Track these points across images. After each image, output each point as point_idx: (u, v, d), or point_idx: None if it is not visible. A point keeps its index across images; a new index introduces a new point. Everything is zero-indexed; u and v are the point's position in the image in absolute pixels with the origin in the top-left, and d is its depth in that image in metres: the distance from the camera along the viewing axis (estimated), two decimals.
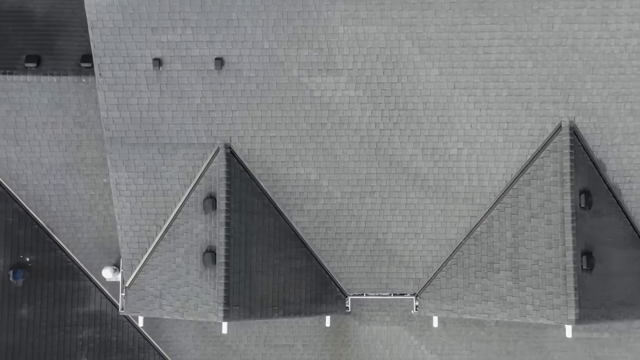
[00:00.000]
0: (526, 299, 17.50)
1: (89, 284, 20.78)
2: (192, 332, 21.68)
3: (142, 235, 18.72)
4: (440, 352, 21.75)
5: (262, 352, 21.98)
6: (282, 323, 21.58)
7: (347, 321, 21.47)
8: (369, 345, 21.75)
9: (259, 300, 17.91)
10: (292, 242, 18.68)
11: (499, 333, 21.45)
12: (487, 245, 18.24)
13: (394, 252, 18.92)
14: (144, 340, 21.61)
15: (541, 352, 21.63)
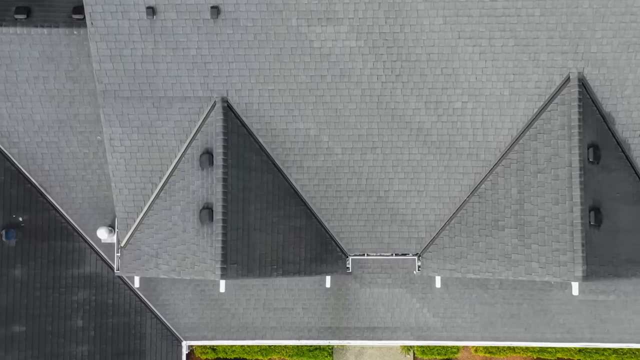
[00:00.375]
0: (532, 256, 17.02)
1: (84, 245, 20.33)
2: (190, 294, 21.26)
3: (138, 194, 18.22)
4: (443, 315, 21.34)
5: (261, 316, 21.57)
6: (281, 286, 21.15)
7: (348, 283, 21.04)
8: (369, 308, 21.33)
9: (257, 259, 17.44)
10: (291, 200, 18.18)
11: (502, 296, 21.03)
12: (491, 203, 17.74)
13: (395, 210, 18.42)
14: (140, 303, 21.20)
15: (546, 315, 21.22)
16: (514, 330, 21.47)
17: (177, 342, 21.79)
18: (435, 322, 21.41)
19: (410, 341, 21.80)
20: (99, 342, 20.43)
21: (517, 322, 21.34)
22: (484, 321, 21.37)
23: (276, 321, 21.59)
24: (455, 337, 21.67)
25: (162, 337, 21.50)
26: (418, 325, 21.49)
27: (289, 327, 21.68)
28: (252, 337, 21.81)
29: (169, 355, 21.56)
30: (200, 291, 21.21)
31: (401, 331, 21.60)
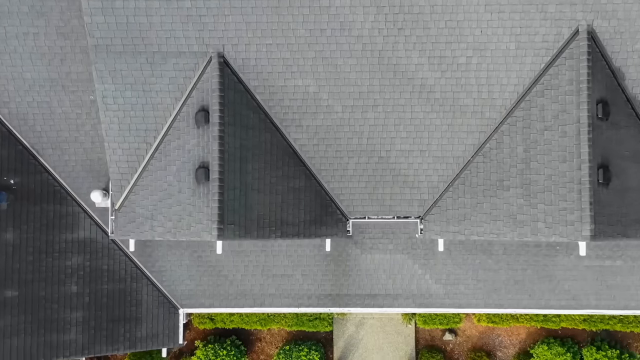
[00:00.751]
0: (538, 216, 16.52)
1: (78, 210, 19.82)
2: (187, 260, 20.78)
3: (132, 154, 17.68)
4: (445, 281, 20.87)
5: (259, 283, 21.11)
6: (280, 251, 20.67)
7: (348, 249, 20.56)
8: (370, 274, 20.86)
9: (255, 220, 16.94)
10: (289, 160, 17.64)
11: (506, 261, 20.55)
12: (496, 162, 17.21)
13: (397, 171, 17.90)
14: (136, 270, 20.73)
15: (551, 281, 20.75)
16: (518, 297, 21.01)
17: (174, 309, 21.34)
18: (438, 289, 20.95)
19: (411, 309, 21.35)
20: (93, 308, 19.97)
21: (521, 288, 20.88)
22: (488, 288, 20.91)
23: (275, 288, 21.13)
24: (457, 305, 21.22)
25: (159, 304, 21.05)
26: (420, 292, 21.03)
27: (288, 294, 21.22)
28: (250, 305, 21.36)
29: (165, 323, 21.12)
30: (198, 257, 20.74)
31: (402, 298, 21.14)
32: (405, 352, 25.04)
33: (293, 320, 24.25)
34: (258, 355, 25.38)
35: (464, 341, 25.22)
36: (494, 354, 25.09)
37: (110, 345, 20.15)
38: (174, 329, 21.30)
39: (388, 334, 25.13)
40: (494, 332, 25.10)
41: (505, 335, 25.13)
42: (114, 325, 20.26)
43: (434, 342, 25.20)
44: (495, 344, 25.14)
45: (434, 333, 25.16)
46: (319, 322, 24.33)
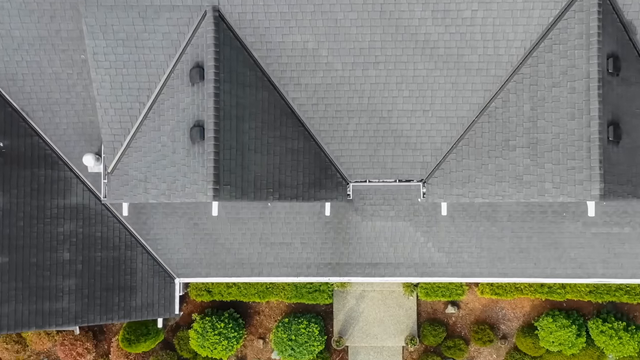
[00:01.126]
0: (545, 176, 15.93)
1: (70, 175, 19.24)
2: (182, 228, 20.23)
3: (124, 114, 17.09)
4: (448, 249, 20.31)
5: (257, 251, 20.55)
6: (278, 219, 20.09)
7: (349, 216, 19.99)
8: (371, 242, 20.30)
9: (252, 181, 16.36)
10: (287, 120, 17.04)
11: (511, 229, 19.98)
12: (502, 122, 16.61)
13: (399, 132, 17.30)
14: (130, 237, 20.18)
15: (557, 249, 20.19)
16: (523, 265, 20.46)
17: (170, 279, 20.80)
18: (440, 257, 20.39)
19: (413, 278, 20.80)
20: (87, 276, 19.44)
21: (526, 257, 20.32)
22: (492, 256, 20.35)
23: (273, 257, 20.58)
24: (460, 274, 20.67)
25: (154, 273, 20.51)
26: (422, 260, 20.48)
27: (287, 263, 20.67)
28: (248, 274, 20.82)
29: (161, 293, 20.59)
30: (194, 224, 20.18)
31: (404, 267, 20.58)
32: (406, 325, 24.52)
33: (292, 293, 23.71)
34: (257, 328, 24.87)
35: (466, 314, 24.69)
36: (497, 327, 24.57)
37: (104, 314, 19.62)
38: (169, 299, 20.77)
39: (389, 306, 24.60)
40: (498, 304, 24.57)
41: (508, 308, 24.60)
42: (108, 294, 19.73)
43: (436, 315, 24.68)
44: (499, 316, 24.61)
45: (436, 306, 24.64)
46: (318, 294, 23.79)
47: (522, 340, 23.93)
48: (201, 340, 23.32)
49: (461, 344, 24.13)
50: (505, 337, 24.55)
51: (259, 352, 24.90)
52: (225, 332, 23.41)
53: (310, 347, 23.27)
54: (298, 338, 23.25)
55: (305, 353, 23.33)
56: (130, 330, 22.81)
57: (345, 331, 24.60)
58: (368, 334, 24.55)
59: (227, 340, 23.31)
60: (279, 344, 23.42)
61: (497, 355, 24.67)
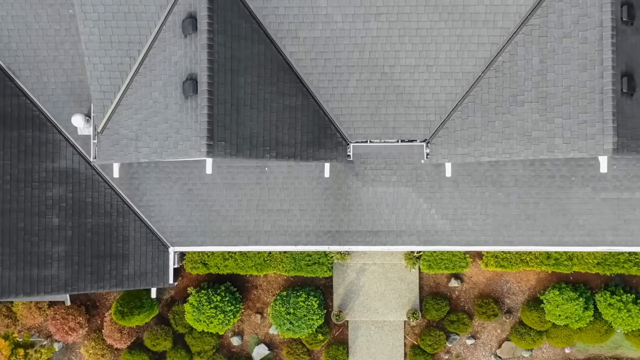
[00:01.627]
0: (555, 131, 15.20)
1: (59, 137, 18.51)
2: (176, 194, 19.50)
3: (114, 69, 16.35)
4: (452, 216, 19.59)
5: (254, 219, 19.83)
6: (275, 184, 19.36)
7: (349, 182, 19.26)
8: (372, 209, 19.57)
9: (247, 138, 15.63)
10: (285, 75, 16.30)
11: (517, 194, 19.25)
12: (509, 76, 15.87)
13: (402, 89, 16.56)
14: (122, 204, 19.46)
15: (565, 216, 19.47)
16: (530, 233, 19.74)
17: (164, 248, 20.09)
18: (444, 224, 19.67)
19: (416, 246, 20.09)
20: (77, 242, 18.71)
21: (533, 224, 19.60)
22: (497, 223, 19.63)
23: (271, 224, 19.86)
24: (465, 242, 19.96)
25: (147, 241, 19.79)
26: (425, 228, 19.76)
27: (285, 232, 19.96)
28: (244, 243, 20.10)
29: (154, 262, 19.87)
30: (188, 190, 19.45)
31: (406, 235, 19.87)
32: (408, 299, 23.81)
33: (290, 265, 23.00)
34: (254, 303, 24.17)
35: (470, 288, 23.99)
36: (501, 301, 23.87)
37: (96, 282, 18.92)
38: (163, 269, 20.08)
39: (390, 280, 23.90)
40: (502, 278, 23.86)
41: (513, 282, 23.90)
42: (99, 261, 19.01)
43: (438, 289, 23.98)
44: (504, 290, 23.91)
45: (439, 280, 23.94)
46: (317, 267, 23.08)
47: (527, 314, 23.24)
48: (197, 314, 22.62)
49: (465, 318, 23.44)
50: (510, 311, 23.86)
51: (257, 327, 24.21)
52: (222, 305, 22.71)
53: (309, 321, 22.57)
54: (297, 311, 22.55)
55: (304, 327, 22.63)
56: (124, 303, 22.11)
57: (346, 305, 23.91)
58: (369, 309, 23.86)
59: (223, 314, 22.61)
60: (276, 318, 22.72)
61: (502, 330, 23.99)
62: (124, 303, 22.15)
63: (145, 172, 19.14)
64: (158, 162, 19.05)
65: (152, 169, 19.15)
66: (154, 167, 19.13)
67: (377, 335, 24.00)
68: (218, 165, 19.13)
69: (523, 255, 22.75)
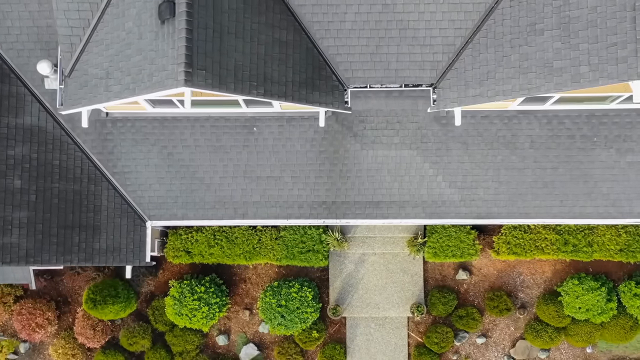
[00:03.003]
0: (580, 59, 13.39)
1: (23, 91, 16.66)
2: (155, 159, 17.54)
3: (83, 1, 14.60)
4: (461, 184, 17.64)
5: (241, 187, 17.84)
6: (265, 147, 17.43)
7: (346, 144, 17.35)
8: (372, 176, 17.63)
9: (231, 70, 13.77)
10: (275, 5, 14.56)
11: (534, 157, 17.35)
12: (526, 4, 14.15)
13: (405, 23, 14.82)
14: (95, 170, 17.48)
15: (586, 183, 17.52)
16: (547, 203, 17.76)
17: (141, 221, 18.03)
18: (452, 194, 17.70)
19: (421, 219, 18.06)
20: (41, 209, 16.66)
21: (551, 192, 17.63)
22: (511, 192, 17.67)
23: (260, 194, 17.86)
24: (475, 214, 17.95)
25: (122, 213, 17.74)
26: (431, 198, 17.77)
27: (276, 202, 17.95)
28: (230, 216, 18.05)
29: (130, 236, 17.79)
30: (168, 154, 17.50)
31: (410, 207, 17.87)
32: (412, 292, 21.64)
33: (282, 253, 20.89)
34: (242, 298, 21.95)
35: (480, 281, 21.84)
36: (514, 295, 21.70)
37: (62, 255, 16.78)
38: (140, 244, 17.97)
39: (392, 272, 21.75)
40: (515, 269, 21.75)
41: (527, 274, 21.78)
42: (66, 232, 16.92)
43: (445, 282, 21.82)
44: (517, 283, 21.76)
45: (446, 272, 21.82)
46: (312, 255, 20.95)
47: (543, 308, 21.05)
48: (178, 306, 20.40)
49: (474, 313, 21.22)
50: (524, 306, 21.67)
51: (245, 325, 21.94)
52: (206, 297, 20.50)
53: (303, 315, 20.35)
54: (289, 304, 20.35)
55: (297, 321, 20.39)
56: (97, 290, 19.91)
57: (343, 300, 21.69)
58: (368, 304, 21.65)
59: (207, 307, 20.39)
60: (267, 311, 20.49)
61: (515, 327, 21.75)
62: (96, 290, 19.95)
63: (120, 132, 17.24)
64: (134, 121, 17.17)
65: (128, 129, 17.25)
66: (130, 126, 17.24)
67: (378, 333, 21.72)
68: (201, 124, 17.24)
69: (538, 242, 20.72)
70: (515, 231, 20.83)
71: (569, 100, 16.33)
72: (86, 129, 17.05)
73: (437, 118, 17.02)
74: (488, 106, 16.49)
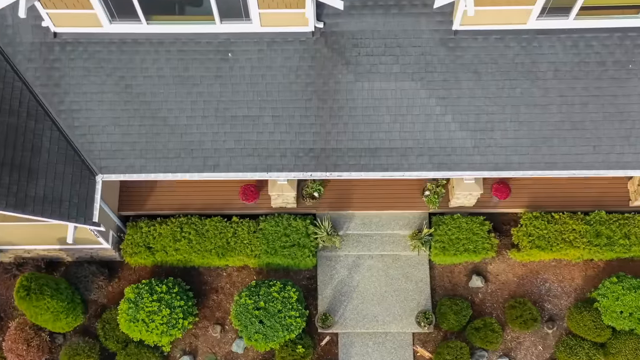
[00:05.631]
0: None
1: None
2: (110, 93, 14.73)
3: None
4: (474, 125, 14.81)
5: (212, 131, 14.91)
6: (242, 78, 14.72)
7: (338, 74, 14.67)
8: (368, 115, 14.82)
9: None
10: None
11: (558, 91, 14.68)
12: None
13: None
14: (36, 105, 14.62)
15: (623, 122, 14.73)
16: (577, 150, 14.84)
17: (90, 173, 14.89)
18: (464, 137, 14.80)
19: (427, 172, 14.99)
20: None
21: (581, 135, 14.77)
22: (533, 135, 14.80)
23: (234, 139, 14.90)
24: (492, 165, 14.94)
25: (67, 160, 14.64)
26: (439, 144, 14.85)
27: (253, 150, 14.94)
28: (199, 168, 14.94)
29: (74, 188, 14.55)
30: (126, 87, 14.70)
31: (414, 155, 14.89)
32: (417, 302, 18.00)
33: (262, 247, 17.53)
34: (213, 311, 18.20)
35: (497, 289, 18.30)
36: (540, 305, 18.09)
37: None
38: (86, 200, 14.70)
39: (393, 278, 18.24)
40: (539, 275, 18.31)
41: (554, 281, 18.30)
42: None
43: (456, 291, 18.27)
44: (542, 292, 18.22)
45: (456, 279, 18.33)
46: (297, 249, 17.58)
47: (577, 318, 17.41)
48: (133, 310, 16.70)
49: (493, 324, 17.48)
50: (552, 319, 17.99)
51: (216, 343, 18.00)
52: (168, 297, 16.85)
53: (286, 320, 16.62)
54: (269, 305, 16.69)
55: (278, 328, 16.62)
56: (32, 277, 16.23)
57: (335, 312, 17.98)
58: (365, 316, 17.93)
59: (169, 310, 16.69)
60: (241, 316, 16.76)
61: (544, 345, 17.94)
62: (32, 278, 16.27)
63: (69, 59, 14.57)
64: (87, 45, 14.57)
65: (80, 54, 14.59)
66: (82, 51, 14.60)
67: (377, 354, 17.81)
68: (166, 49, 14.65)
69: (565, 233, 17.57)
70: (536, 221, 17.72)
71: (595, 11, 13.98)
72: (29, 55, 14.44)
73: (444, 41, 14.54)
74: (501, 19, 14.09)
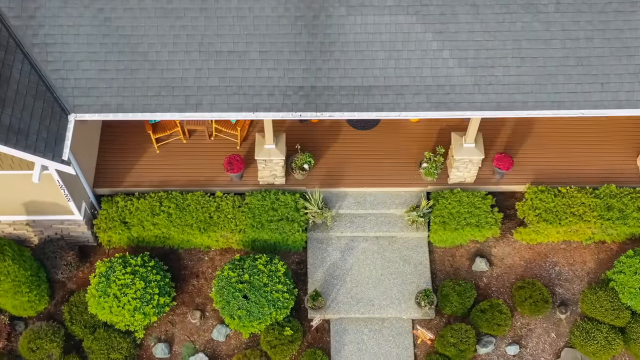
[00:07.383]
0: None
1: None
2: (87, 26, 13.89)
3: None
4: (474, 62, 13.98)
5: (196, 67, 13.97)
6: (228, 10, 13.94)
7: (329, 7, 13.93)
8: (362, 52, 13.98)
9: None
10: None
11: (561, 25, 13.96)
12: None
13: None
14: (8, 37, 13.75)
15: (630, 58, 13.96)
16: (584, 87, 13.94)
17: (62, 111, 13.80)
18: (463, 75, 13.91)
19: (425, 112, 13.97)
20: None
21: (587, 72, 13.91)
22: (537, 72, 13.93)
23: (219, 77, 13.93)
24: (494, 103, 13.97)
25: (37, 95, 13.58)
26: (436, 82, 13.93)
27: (239, 89, 13.95)
28: (181, 107, 13.89)
29: (44, 123, 13.40)
30: (105, 19, 13.87)
31: (410, 94, 13.94)
32: (417, 286, 16.47)
33: (247, 221, 16.18)
34: (192, 297, 16.57)
35: (503, 273, 16.83)
36: (551, 290, 16.58)
37: None
38: (56, 136, 13.53)
39: (390, 261, 16.79)
40: (547, 259, 16.92)
41: (564, 264, 16.89)
42: None
43: (458, 275, 16.79)
44: (552, 276, 16.76)
45: (458, 262, 16.90)
46: (286, 224, 16.23)
47: (592, 299, 15.93)
48: (104, 285, 15.16)
49: (500, 305, 15.94)
50: (564, 304, 16.44)
51: (195, 331, 16.25)
52: (143, 271, 15.35)
53: (273, 294, 15.08)
54: (254, 279, 15.21)
55: (264, 303, 15.06)
56: None
57: (326, 296, 16.38)
58: (359, 300, 16.34)
59: (144, 283, 15.15)
60: (224, 291, 15.22)
61: (557, 332, 16.29)
62: None
63: None
64: None
65: None
66: None
67: (373, 341, 16.08)
68: None
69: (574, 207, 16.38)
70: (542, 194, 16.57)
71: None
72: None
73: None
74: None
